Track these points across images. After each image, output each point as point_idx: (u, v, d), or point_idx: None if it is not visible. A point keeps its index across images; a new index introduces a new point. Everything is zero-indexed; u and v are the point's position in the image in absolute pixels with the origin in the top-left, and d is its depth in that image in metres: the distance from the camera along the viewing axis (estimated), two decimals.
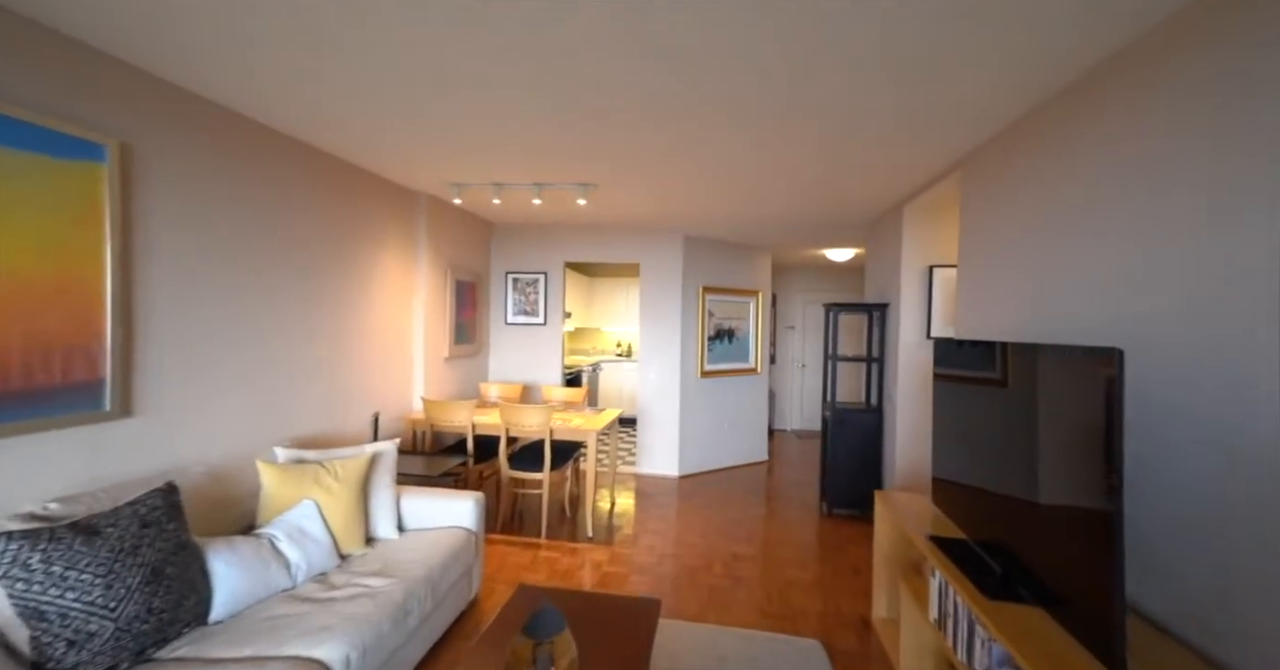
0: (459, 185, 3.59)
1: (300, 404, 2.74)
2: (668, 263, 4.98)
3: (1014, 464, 1.64)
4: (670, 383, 4.97)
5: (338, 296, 3.09)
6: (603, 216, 4.52)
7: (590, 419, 3.69)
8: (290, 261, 2.69)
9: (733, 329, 5.35)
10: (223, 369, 2.29)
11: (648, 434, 5.02)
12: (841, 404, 4.04)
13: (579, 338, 8.20)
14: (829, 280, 7.20)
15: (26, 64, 1.63)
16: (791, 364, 7.23)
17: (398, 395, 3.72)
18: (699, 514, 3.97)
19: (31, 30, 1.64)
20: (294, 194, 2.71)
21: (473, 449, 3.50)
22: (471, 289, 4.63)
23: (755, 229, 4.74)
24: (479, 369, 4.85)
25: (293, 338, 2.72)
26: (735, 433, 5.40)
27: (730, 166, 2.99)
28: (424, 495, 2.52)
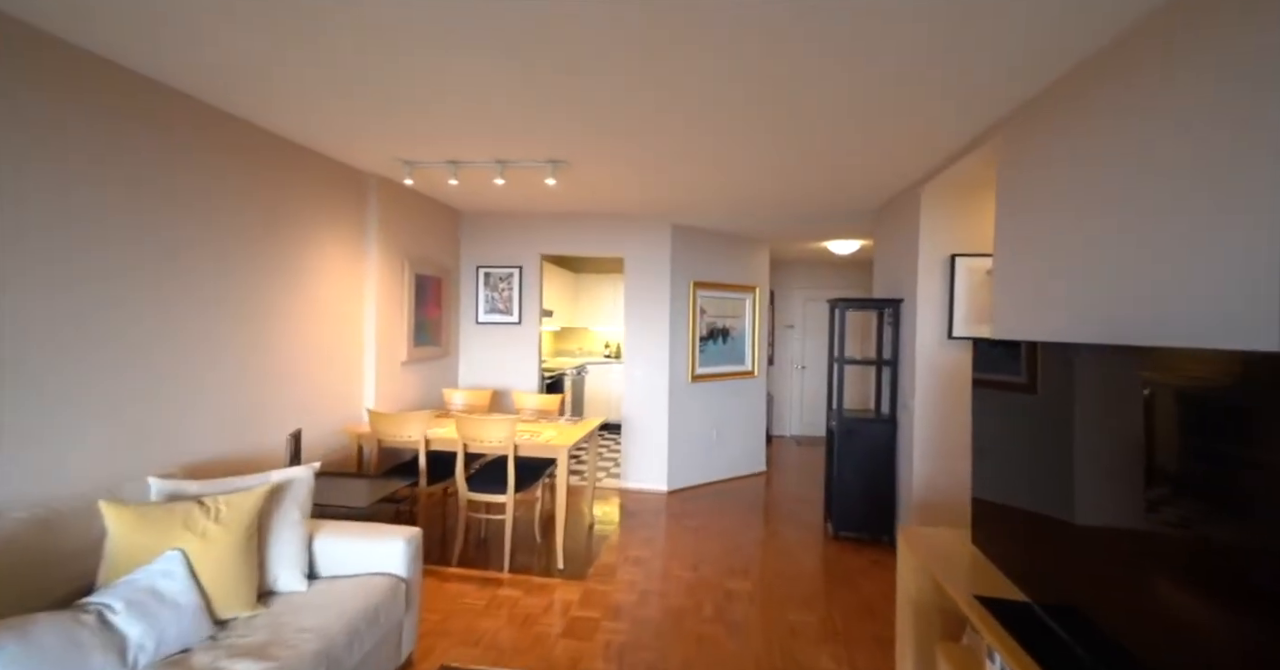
0: (410, 163, 3.11)
1: (199, 422, 2.26)
2: (654, 255, 4.51)
3: (1117, 495, 1.18)
4: (658, 387, 4.51)
5: (260, 295, 2.61)
6: (581, 203, 4.05)
7: (564, 431, 3.22)
8: (194, 256, 2.22)
9: (727, 328, 4.90)
10: (82, 382, 1.82)
11: (633, 445, 4.55)
12: (849, 412, 3.59)
13: (565, 338, 7.73)
14: (832, 275, 6.75)
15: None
16: (791, 366, 6.78)
17: (342, 406, 3.24)
18: (689, 538, 3.51)
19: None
20: (199, 174, 2.23)
21: (425, 467, 3.03)
22: (436, 284, 4.16)
23: (750, 217, 4.28)
24: (446, 374, 4.38)
25: (193, 345, 2.24)
26: (729, 442, 4.94)
27: (723, 134, 2.52)
28: (346, 533, 2.05)
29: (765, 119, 2.33)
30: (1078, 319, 1.74)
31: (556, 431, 3.23)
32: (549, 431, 3.22)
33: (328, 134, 2.69)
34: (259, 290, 2.63)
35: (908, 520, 3.21)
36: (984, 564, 1.73)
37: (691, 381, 4.60)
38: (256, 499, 1.80)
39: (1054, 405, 1.43)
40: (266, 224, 2.66)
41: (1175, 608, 1.01)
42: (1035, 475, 1.49)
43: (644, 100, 2.17)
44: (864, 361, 3.68)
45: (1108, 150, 1.61)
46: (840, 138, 2.52)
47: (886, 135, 2.48)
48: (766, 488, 4.69)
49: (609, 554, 3.23)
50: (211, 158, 2.32)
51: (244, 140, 2.48)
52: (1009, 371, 1.65)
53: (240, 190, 2.48)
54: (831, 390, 3.67)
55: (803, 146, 2.65)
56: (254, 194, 2.57)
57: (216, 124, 2.32)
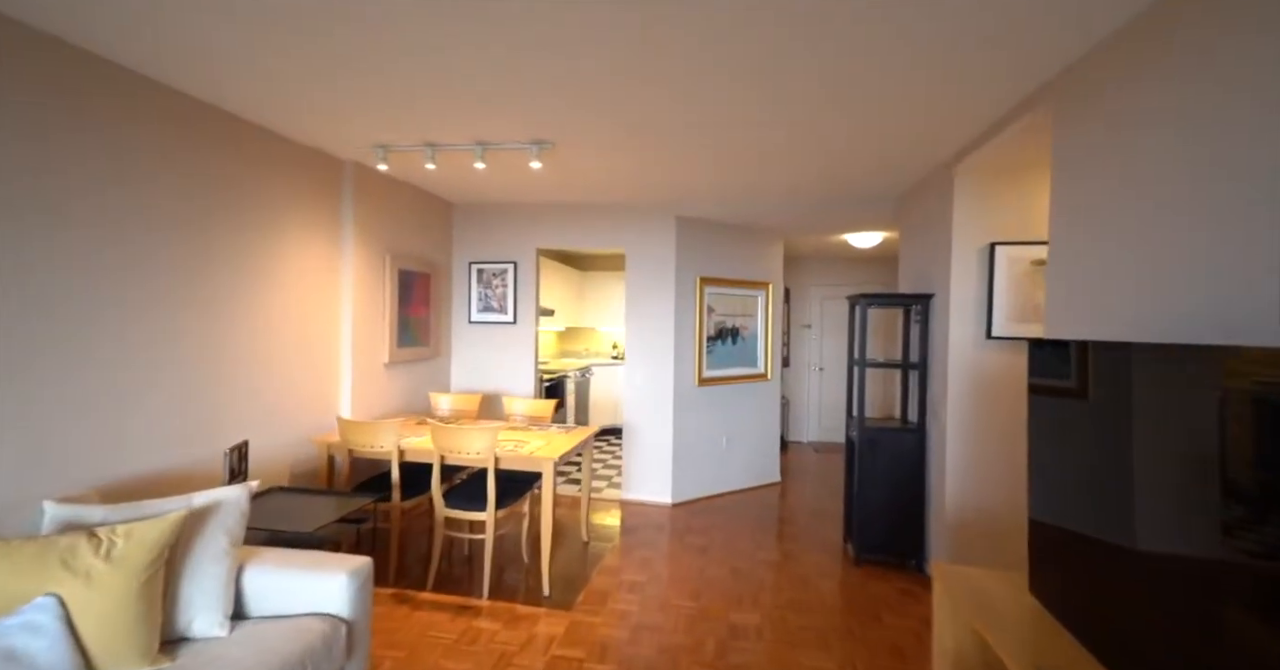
0: (384, 147, 2.84)
1: (136, 433, 2.00)
2: (657, 248, 4.18)
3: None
4: (662, 392, 4.18)
5: (215, 290, 2.36)
6: (577, 192, 3.75)
7: (553, 441, 2.92)
8: (135, 247, 1.96)
9: (737, 328, 4.55)
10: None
11: (635, 454, 4.23)
12: (871, 421, 3.21)
13: (570, 338, 7.44)
14: (853, 271, 6.34)
15: None
16: (808, 367, 6.39)
17: (314, 412, 2.98)
18: (692, 559, 3.17)
19: None
20: (140, 151, 1.98)
21: (399, 481, 2.75)
22: (424, 281, 3.89)
23: (761, 207, 3.93)
24: (436, 376, 4.11)
25: (132, 345, 1.99)
26: (740, 450, 4.59)
27: (722, 109, 2.19)
28: (285, 565, 1.76)
29: (772, 87, 1.99)
30: (1158, 312, 1.36)
31: (545, 441, 2.93)
32: (536, 441, 2.92)
33: (288, 113, 2.42)
34: (213, 285, 2.37)
35: (940, 544, 2.83)
36: (1049, 623, 1.37)
37: (698, 385, 4.27)
38: (165, 528, 1.52)
39: (1144, 417, 1.07)
40: (224, 213, 2.40)
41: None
42: (1121, 504, 1.13)
43: (632, 69, 1.85)
44: (888, 364, 3.30)
45: (1193, 105, 1.23)
46: (862, 107, 2.17)
47: (917, 103, 2.12)
48: (780, 500, 4.33)
49: (602, 578, 2.91)
50: (152, 135, 2.06)
51: (193, 118, 2.23)
52: (1072, 376, 1.29)
53: (189, 173, 2.22)
54: (851, 396, 3.31)
55: (818, 123, 2.30)
56: (207, 178, 2.31)
57: (150, 93, 2.06)
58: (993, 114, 2.22)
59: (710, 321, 4.36)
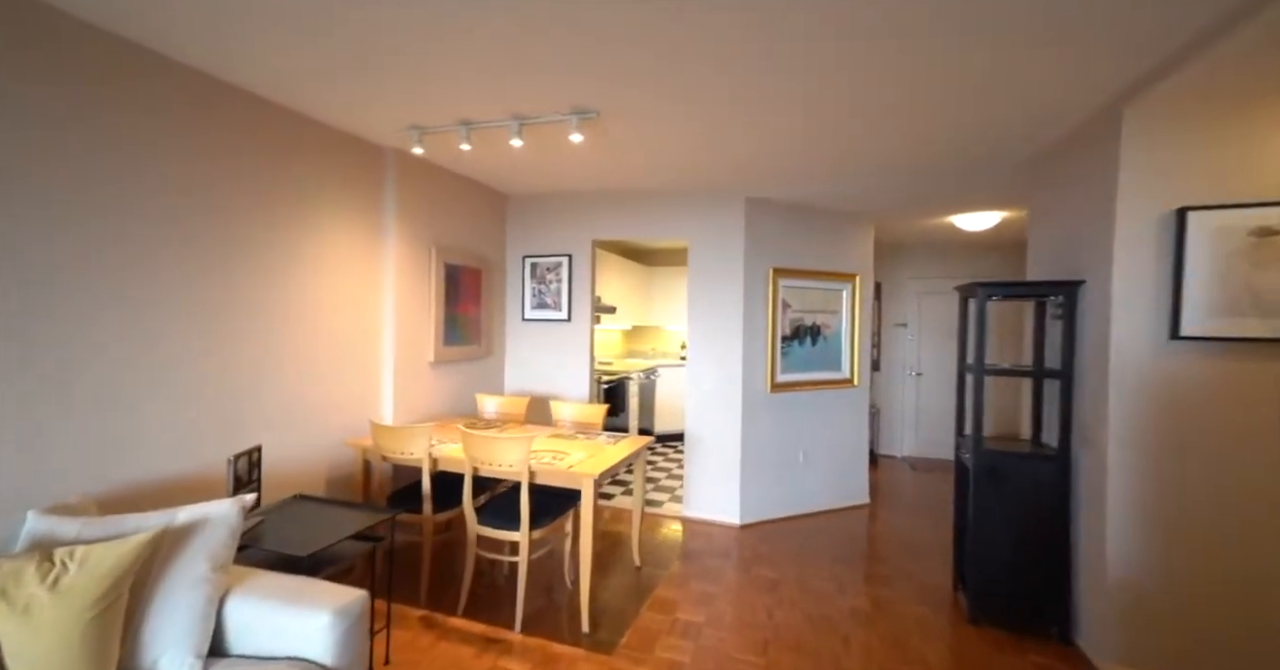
0: (418, 128, 2.62)
1: (153, 433, 1.89)
2: (724, 236, 3.71)
3: None
4: (727, 398, 3.70)
5: (244, 285, 2.23)
6: (633, 175, 3.37)
7: (598, 453, 2.56)
8: (156, 240, 1.85)
9: (818, 326, 3.96)
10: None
11: (699, 466, 3.79)
12: (992, 441, 2.55)
13: (636, 338, 7.12)
14: (958, 261, 5.46)
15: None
16: (903, 371, 5.59)
17: (353, 413, 2.84)
18: (760, 597, 2.69)
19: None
20: (149, 140, 1.86)
21: (429, 491, 2.51)
22: (474, 276, 3.70)
23: (851, 185, 3.33)
24: (488, 377, 3.91)
25: (154, 341, 1.88)
26: (820, 466, 3.99)
27: (817, 57, 1.71)
28: (274, 594, 1.53)
29: (883, 14, 1.49)
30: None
31: (588, 453, 2.58)
32: (578, 452, 2.58)
33: (313, 92, 2.25)
34: (242, 279, 2.25)
35: (1099, 614, 2.15)
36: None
37: (770, 390, 3.74)
38: (125, 554, 1.32)
39: None
40: (250, 203, 2.28)
41: None
42: None
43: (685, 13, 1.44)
44: (1015, 371, 2.61)
45: None
46: (1008, 32, 1.59)
47: (1091, 15, 1.51)
48: (869, 527, 3.70)
49: (652, 614, 2.51)
50: (162, 117, 1.94)
51: (212, 100, 2.10)
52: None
53: (208, 161, 2.09)
54: (964, 410, 2.66)
55: (943, 64, 1.75)
56: (230, 166, 2.18)
57: (165, 73, 1.94)
58: (1195, 20, 1.56)
59: (785, 319, 3.82)
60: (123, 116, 1.82)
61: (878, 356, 5.57)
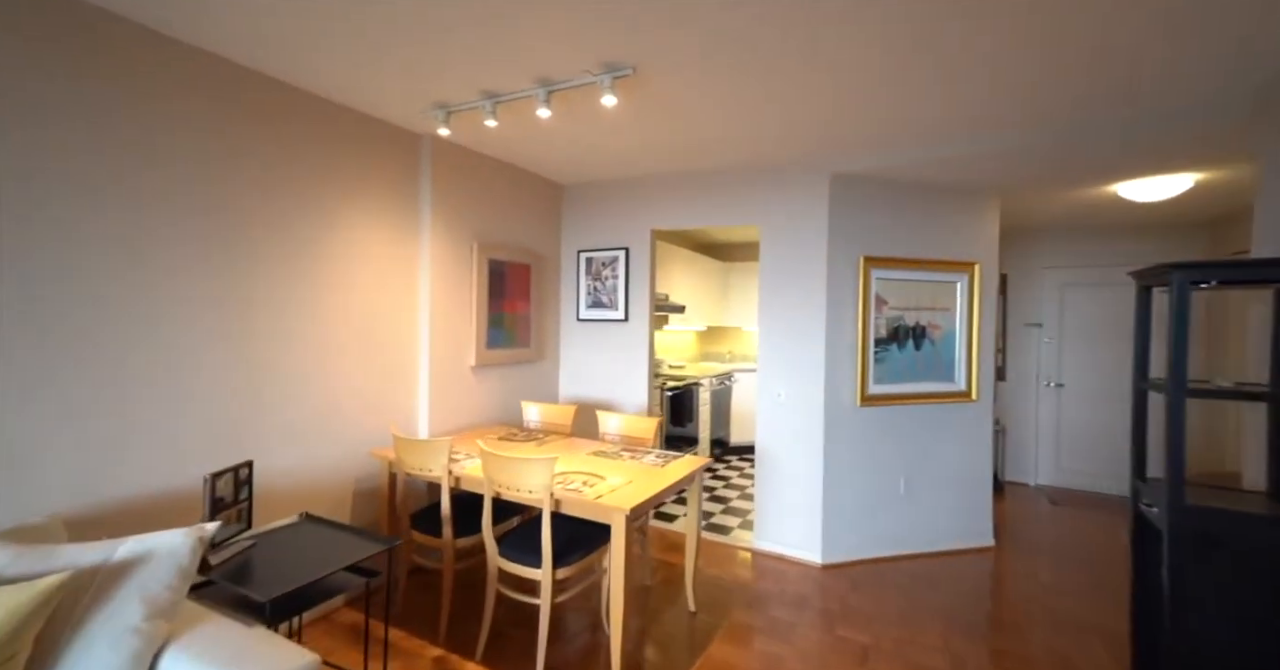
0: (443, 107, 2.36)
1: (128, 446, 1.75)
2: (802, 219, 3.12)
3: None
4: (806, 411, 3.11)
5: (258, 279, 2.09)
6: (694, 154, 2.91)
7: (640, 477, 2.14)
8: (174, 236, 1.72)
9: (923, 326, 3.24)
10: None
11: (771, 490, 3.23)
12: (1199, 490, 1.77)
13: (711, 340, 6.59)
14: (1120, 245, 4.35)
15: None
16: (1035, 382, 4.58)
17: (385, 419, 2.65)
18: (845, 667, 2.12)
19: None
20: (174, 131, 1.74)
21: (449, 513, 2.23)
22: (522, 273, 3.43)
23: (969, 149, 2.62)
24: (539, 382, 3.64)
25: (165, 343, 1.76)
26: (926, 496, 3.26)
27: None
28: (218, 654, 1.27)
29: None
30: None
31: (627, 478, 2.16)
32: (615, 477, 2.17)
33: (328, 70, 2.05)
34: (262, 275, 2.11)
35: None
36: None
37: (860, 404, 3.09)
38: (27, 600, 1.11)
39: None
40: (276, 196, 2.13)
41: None
42: None
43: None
44: (1235, 393, 1.80)
45: None
46: None
47: None
48: (998, 581, 2.92)
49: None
50: (183, 105, 1.81)
51: (223, 84, 1.96)
52: None
53: (218, 149, 1.95)
54: (1142, 442, 1.90)
55: None
56: (255, 154, 2.04)
57: (181, 58, 1.80)
58: None
59: (880, 317, 3.14)
60: (125, 109, 1.69)
61: (1002, 363, 4.61)
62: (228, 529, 1.63)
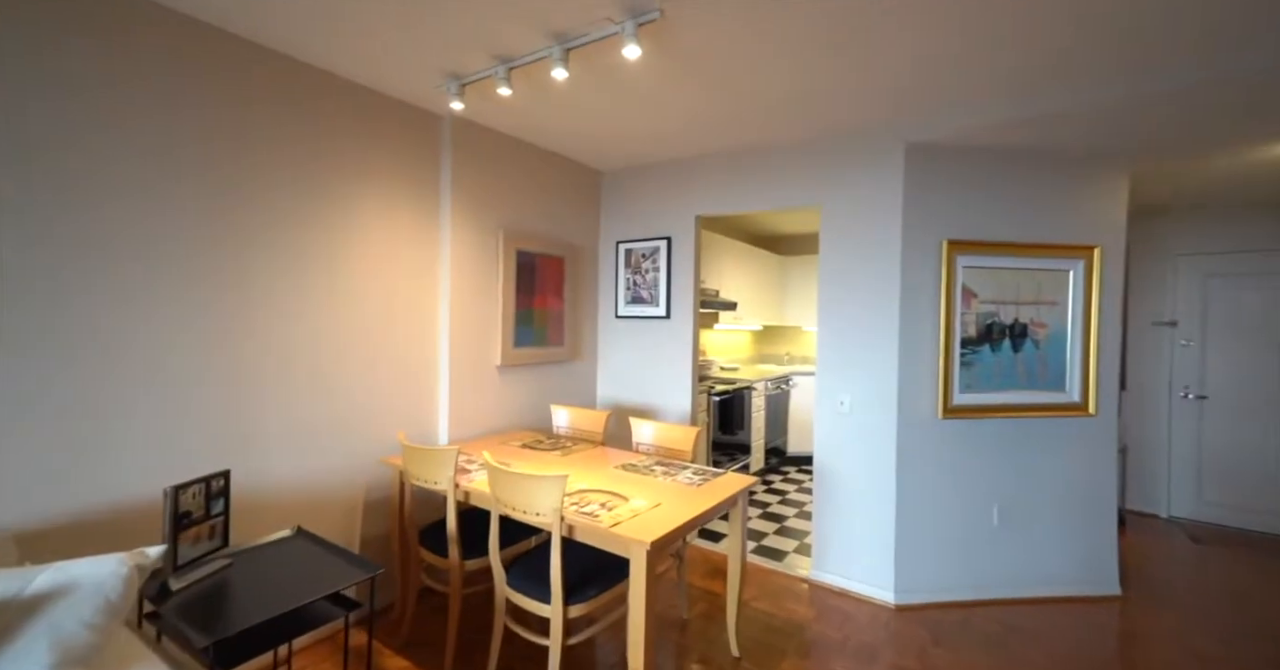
0: (457, 78, 2.14)
1: (106, 451, 1.63)
2: (871, 198, 2.66)
3: None
4: (877, 422, 2.65)
5: (260, 270, 1.95)
6: (738, 125, 2.53)
7: (671, 500, 1.80)
8: (169, 220, 1.61)
9: (1024, 324, 2.67)
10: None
11: (831, 511, 2.78)
12: None
13: (768, 340, 6.12)
14: (1270, 222, 3.52)
15: None
16: (1169, 393, 3.80)
17: (403, 422, 2.47)
18: None
19: None
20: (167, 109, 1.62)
21: (455, 532, 1.99)
22: (554, 266, 3.18)
23: (1090, 101, 2.07)
24: (575, 384, 3.37)
25: (152, 339, 1.64)
26: (1028, 528, 2.70)
27: None
28: None
29: None
30: None
31: (655, 498, 1.83)
32: (639, 499, 1.84)
33: (338, 39, 1.88)
34: (264, 265, 1.97)
35: None
36: None
37: (943, 416, 2.58)
38: None
39: None
40: (284, 179, 1.99)
41: None
42: None
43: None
44: None
45: None
46: None
47: None
48: (1123, 638, 2.34)
49: None
50: (176, 84, 1.68)
51: (211, 53, 1.82)
52: None
53: (238, 135, 1.82)
54: None
55: None
56: (264, 140, 1.90)
57: (177, 29, 1.67)
58: None
59: (968, 313, 2.62)
60: (103, 87, 1.58)
61: (1121, 370, 3.86)
62: (196, 548, 1.46)
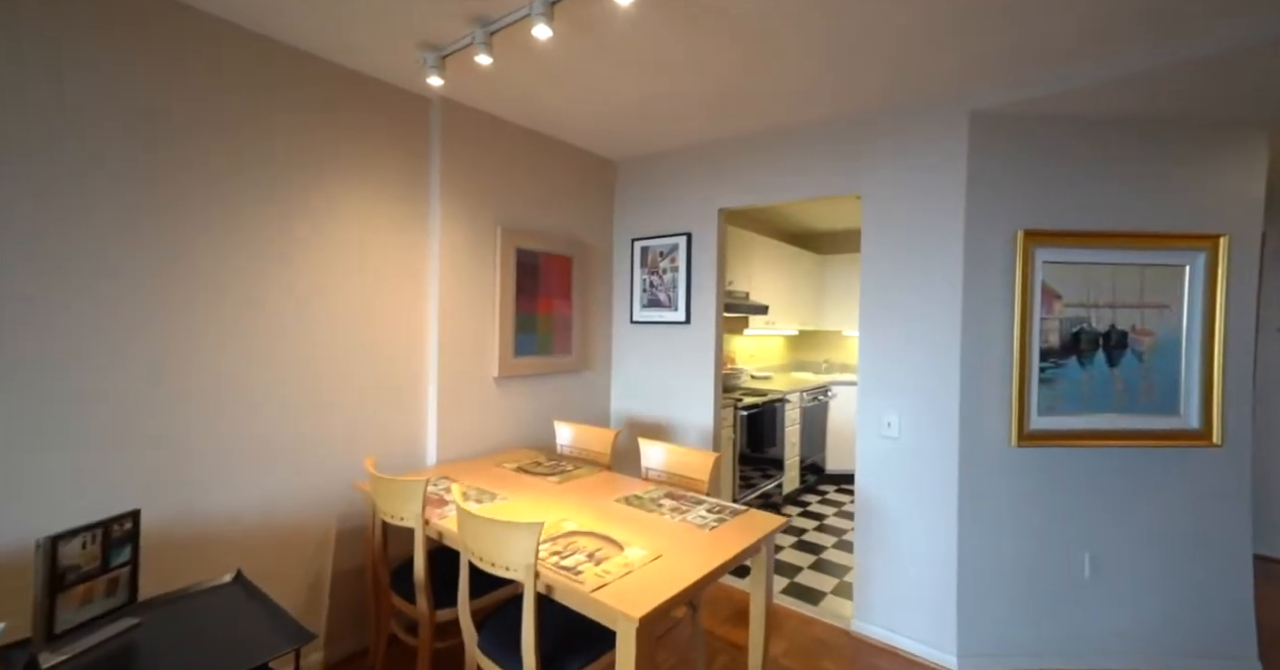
0: (433, 49, 1.86)
1: (26, 477, 1.40)
2: (926, 184, 2.24)
3: None
4: (934, 449, 2.21)
5: (218, 275, 1.71)
6: (764, 101, 2.15)
7: (674, 550, 1.45)
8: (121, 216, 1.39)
9: (1121, 331, 2.18)
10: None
11: (875, 550, 2.35)
12: None
13: (804, 346, 5.66)
14: None
15: None
16: None
17: (383, 440, 2.20)
18: None
19: None
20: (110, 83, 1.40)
21: (424, 579, 1.69)
22: (562, 266, 2.88)
23: (1219, 48, 1.60)
24: (585, 396, 3.05)
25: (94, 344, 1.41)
26: (1132, 582, 2.20)
27: None
28: None
29: None
30: None
31: (656, 547, 1.48)
32: (639, 546, 1.49)
33: (301, 11, 1.62)
34: (218, 263, 1.73)
35: None
36: None
37: (1017, 443, 2.12)
38: None
39: None
40: (248, 167, 1.75)
41: None
42: None
43: None
44: None
45: None
46: None
47: None
48: None
49: None
50: (124, 56, 1.46)
51: (148, 22, 1.59)
52: None
53: (193, 119, 1.58)
54: None
55: None
56: (225, 123, 1.67)
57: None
58: None
59: (1050, 318, 2.16)
60: (34, 61, 1.35)
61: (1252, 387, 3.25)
62: (86, 609, 1.20)
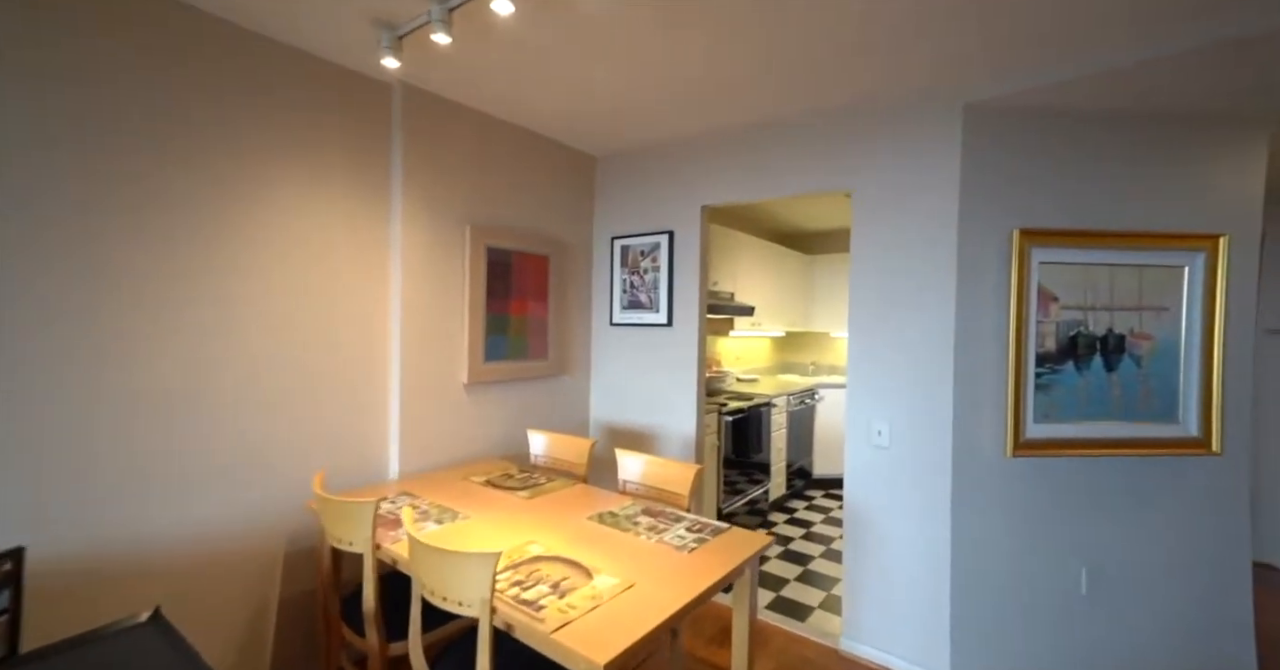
0: (389, 28, 1.70)
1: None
2: (918, 179, 2.12)
3: None
4: (924, 460, 2.10)
5: (156, 273, 1.54)
6: (747, 92, 2.02)
7: (648, 578, 1.31)
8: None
9: (1120, 335, 2.09)
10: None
11: (863, 566, 2.24)
12: None
13: (791, 347, 5.57)
14: None
15: None
16: None
17: (337, 453, 2.04)
18: None
19: None
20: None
21: (375, 609, 1.54)
22: (538, 266, 2.73)
23: (1219, 35, 1.51)
24: (564, 403, 2.91)
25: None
26: (1129, 598, 2.11)
27: None
28: None
29: None
30: None
31: (628, 574, 1.34)
32: (609, 572, 1.36)
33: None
34: (160, 258, 1.56)
35: None
36: None
37: (1012, 453, 2.02)
38: None
39: None
40: (193, 158, 1.58)
41: None
42: None
43: None
44: None
45: None
46: None
47: None
48: None
49: None
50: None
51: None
52: None
53: (122, 101, 1.41)
54: None
55: None
56: (149, 106, 1.50)
57: None
58: None
59: (1047, 321, 2.06)
60: None
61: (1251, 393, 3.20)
62: None
